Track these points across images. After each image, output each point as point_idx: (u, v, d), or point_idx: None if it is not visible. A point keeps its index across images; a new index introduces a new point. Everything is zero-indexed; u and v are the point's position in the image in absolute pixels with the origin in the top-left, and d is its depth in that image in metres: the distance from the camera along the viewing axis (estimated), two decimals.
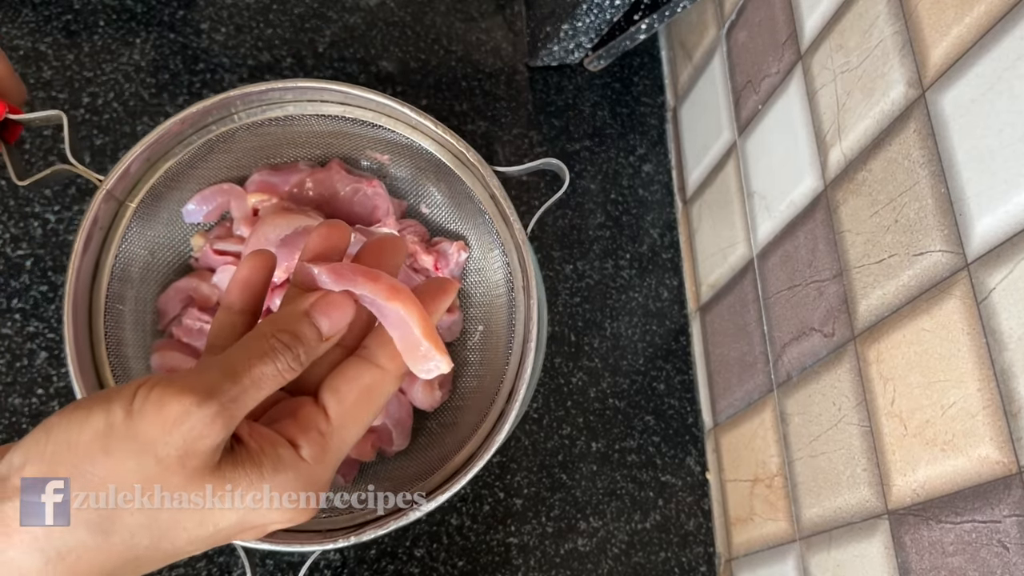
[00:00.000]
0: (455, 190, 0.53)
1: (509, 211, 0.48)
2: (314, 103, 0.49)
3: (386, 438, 0.52)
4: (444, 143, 0.50)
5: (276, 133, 0.52)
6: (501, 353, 0.50)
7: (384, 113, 0.50)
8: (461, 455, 0.47)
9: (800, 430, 0.51)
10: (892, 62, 0.43)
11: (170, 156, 0.48)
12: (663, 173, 0.72)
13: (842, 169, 0.47)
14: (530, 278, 0.48)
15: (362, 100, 0.49)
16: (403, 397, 0.53)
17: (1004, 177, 0.35)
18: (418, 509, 0.43)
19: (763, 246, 0.57)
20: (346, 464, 0.52)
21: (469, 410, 0.51)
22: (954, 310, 0.38)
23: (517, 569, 0.57)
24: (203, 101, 0.46)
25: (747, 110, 0.59)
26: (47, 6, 0.61)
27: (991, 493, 0.36)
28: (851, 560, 0.45)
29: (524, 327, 0.48)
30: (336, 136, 0.54)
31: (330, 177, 0.54)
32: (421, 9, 0.70)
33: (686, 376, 0.65)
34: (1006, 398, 0.35)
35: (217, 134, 0.49)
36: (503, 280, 0.52)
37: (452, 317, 0.55)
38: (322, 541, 0.42)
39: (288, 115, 0.50)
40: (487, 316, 0.55)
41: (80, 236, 0.44)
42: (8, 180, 0.56)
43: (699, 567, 0.60)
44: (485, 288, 0.55)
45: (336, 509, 0.47)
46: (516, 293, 0.50)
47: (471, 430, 0.48)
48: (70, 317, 0.43)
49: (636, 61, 0.75)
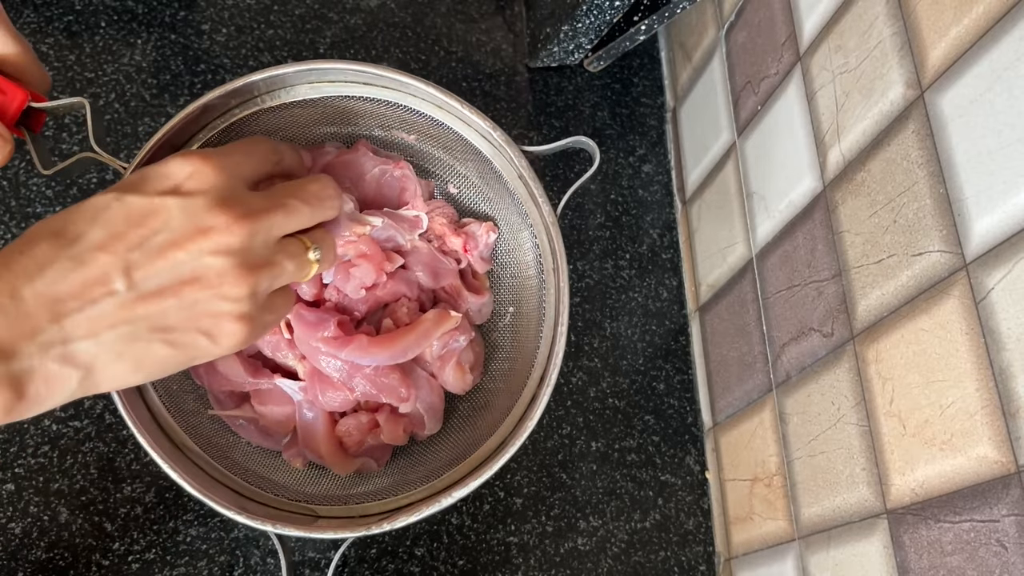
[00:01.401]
0: (483, 171, 0.53)
1: (538, 191, 0.48)
2: (337, 84, 0.49)
3: (418, 422, 0.52)
4: (471, 123, 0.49)
5: (301, 115, 0.51)
6: (532, 335, 0.50)
7: (409, 93, 0.49)
8: (493, 439, 0.46)
9: (799, 430, 0.51)
10: (891, 63, 0.43)
11: (194, 141, 0.48)
12: (663, 173, 0.72)
13: (841, 169, 0.48)
14: (560, 259, 0.47)
15: (387, 80, 0.48)
16: (434, 382, 0.52)
17: (1003, 177, 0.35)
18: (451, 496, 0.43)
19: (762, 246, 0.57)
20: (379, 448, 0.52)
21: (501, 393, 0.51)
22: (953, 310, 0.38)
23: (517, 568, 0.57)
24: (226, 85, 0.46)
25: (746, 111, 0.60)
26: (48, 7, 0.61)
27: (990, 493, 0.36)
28: (850, 559, 0.45)
29: (556, 309, 0.47)
30: (362, 116, 0.53)
31: (357, 159, 0.53)
32: (421, 10, 0.70)
33: (685, 376, 0.66)
34: (1004, 398, 0.35)
35: (240, 117, 0.48)
36: (533, 261, 0.52)
37: (482, 299, 0.55)
38: (355, 528, 0.42)
39: (311, 97, 0.49)
40: (517, 298, 0.54)
41: None
42: (10, 180, 0.56)
43: (698, 566, 0.60)
44: (515, 269, 0.55)
45: (368, 494, 0.47)
46: (547, 275, 0.50)
47: (503, 414, 0.48)
48: None
49: (636, 62, 0.75)
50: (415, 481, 0.48)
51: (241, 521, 0.41)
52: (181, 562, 0.51)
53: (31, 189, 0.56)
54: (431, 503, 0.43)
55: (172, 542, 0.52)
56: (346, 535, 0.42)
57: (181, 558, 0.51)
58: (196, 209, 0.33)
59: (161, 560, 0.51)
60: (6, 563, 0.49)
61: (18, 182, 0.56)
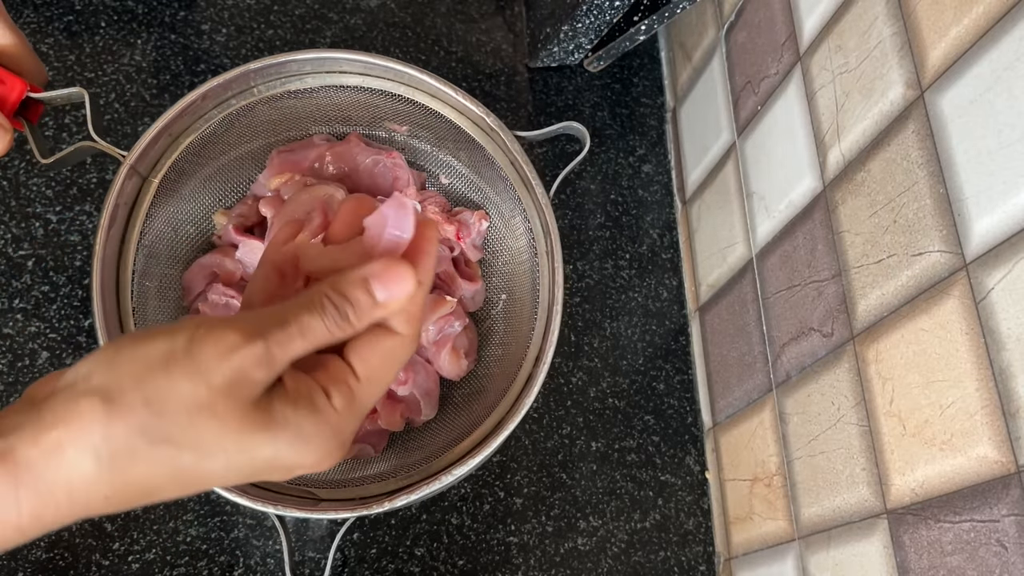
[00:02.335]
0: (476, 158, 0.53)
1: (531, 175, 0.48)
2: (332, 74, 0.49)
3: (414, 408, 0.52)
4: (464, 110, 0.50)
5: (295, 106, 0.52)
6: (526, 319, 0.50)
7: (403, 82, 0.50)
8: (490, 420, 0.47)
9: (799, 430, 0.51)
10: (891, 63, 0.43)
11: (191, 131, 0.48)
12: (663, 173, 0.72)
13: (841, 169, 0.48)
14: (554, 242, 0.48)
15: (381, 69, 0.49)
16: (430, 367, 0.53)
17: (1003, 178, 0.35)
18: (450, 474, 0.43)
19: (762, 246, 0.57)
20: (376, 434, 0.52)
21: (496, 377, 0.51)
22: (953, 310, 0.38)
23: (517, 568, 0.57)
24: (223, 75, 0.46)
25: (746, 111, 0.60)
26: (48, 7, 0.61)
27: (989, 492, 0.36)
28: (850, 559, 0.45)
29: (551, 291, 0.48)
30: (355, 108, 0.53)
31: (350, 150, 0.54)
32: (421, 10, 0.70)
33: (685, 376, 0.66)
34: (1004, 398, 0.35)
35: (237, 108, 0.49)
36: (526, 246, 0.52)
37: (475, 286, 0.55)
38: (356, 508, 0.43)
39: (307, 87, 0.50)
40: (510, 284, 0.55)
41: (105, 213, 0.44)
42: (10, 180, 0.56)
43: (698, 566, 0.60)
44: (508, 256, 0.55)
45: (367, 478, 0.47)
46: (540, 258, 0.50)
47: (499, 396, 0.48)
48: (98, 292, 0.44)
49: (636, 62, 0.75)
50: (413, 464, 0.48)
51: (243, 504, 0.42)
52: (181, 562, 0.51)
53: (31, 189, 0.56)
54: (431, 482, 0.43)
55: (172, 542, 0.52)
56: (347, 515, 0.42)
57: (181, 558, 0.51)
58: None
59: (161, 560, 0.51)
60: (6, 563, 0.49)
61: (18, 182, 0.56)
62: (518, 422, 0.45)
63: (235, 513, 0.53)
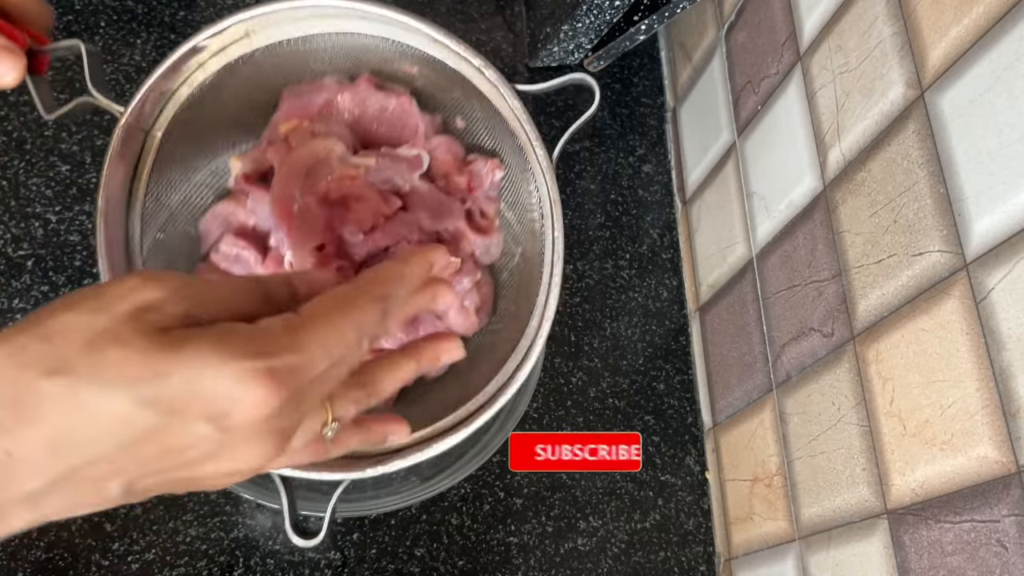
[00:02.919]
0: (485, 109, 0.51)
1: (532, 135, 0.47)
2: (331, 19, 0.48)
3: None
4: (468, 59, 0.48)
5: (299, 51, 0.50)
6: (535, 279, 0.49)
7: (403, 29, 0.48)
8: (491, 385, 0.46)
9: (799, 430, 0.51)
10: (891, 63, 0.43)
11: (190, 83, 0.47)
12: (663, 173, 0.72)
13: (841, 169, 0.48)
14: (555, 204, 0.46)
15: (381, 17, 0.47)
16: (439, 323, 0.52)
17: (1003, 177, 0.35)
18: (445, 440, 0.43)
19: (762, 246, 0.57)
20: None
21: (505, 336, 0.50)
22: (953, 310, 0.38)
23: (517, 568, 0.57)
24: (215, 24, 0.45)
25: (746, 111, 0.60)
26: None
27: (990, 493, 0.36)
28: (850, 559, 0.45)
29: (551, 256, 0.47)
30: (362, 51, 0.52)
31: (359, 94, 0.52)
32: (421, 10, 0.70)
33: (685, 376, 0.66)
34: (1005, 398, 0.35)
35: (236, 57, 0.47)
36: (536, 204, 0.51)
37: (489, 239, 0.53)
38: (348, 469, 0.42)
39: (306, 35, 0.48)
40: (524, 239, 0.53)
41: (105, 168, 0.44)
42: (9, 180, 0.56)
43: (699, 566, 0.60)
44: (520, 211, 0.53)
45: None
46: (545, 220, 0.49)
47: (504, 357, 0.47)
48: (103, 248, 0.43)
49: (636, 62, 0.75)
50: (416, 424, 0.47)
51: None
52: (181, 562, 0.51)
53: (31, 189, 0.56)
54: (423, 448, 0.43)
55: (172, 542, 0.52)
56: (341, 476, 0.42)
57: (181, 558, 0.51)
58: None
59: (161, 560, 0.51)
60: (6, 563, 0.49)
61: (18, 182, 0.56)
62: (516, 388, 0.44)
63: (235, 513, 0.53)
